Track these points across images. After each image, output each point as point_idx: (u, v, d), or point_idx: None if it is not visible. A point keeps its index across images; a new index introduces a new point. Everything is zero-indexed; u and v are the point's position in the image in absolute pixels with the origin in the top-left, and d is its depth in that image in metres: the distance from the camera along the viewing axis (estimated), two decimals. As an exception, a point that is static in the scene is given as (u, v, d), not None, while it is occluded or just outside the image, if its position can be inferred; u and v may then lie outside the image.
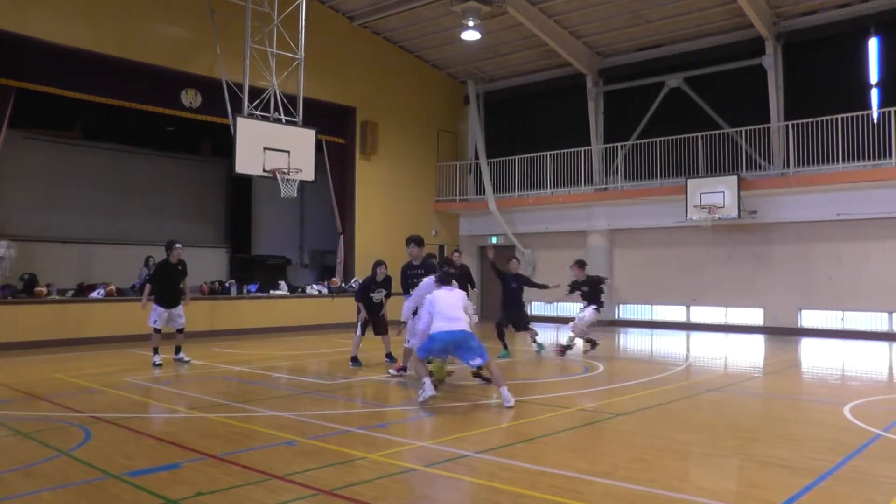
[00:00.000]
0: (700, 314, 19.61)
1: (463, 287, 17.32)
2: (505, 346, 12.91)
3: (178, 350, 12.09)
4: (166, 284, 11.95)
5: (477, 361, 8.29)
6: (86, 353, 13.50)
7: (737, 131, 18.64)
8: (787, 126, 17.80)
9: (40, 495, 4.89)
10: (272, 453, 6.07)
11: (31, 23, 14.85)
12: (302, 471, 5.41)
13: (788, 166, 17.73)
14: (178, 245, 11.98)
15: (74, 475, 5.38)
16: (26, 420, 7.36)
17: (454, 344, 8.23)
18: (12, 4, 14.56)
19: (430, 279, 9.39)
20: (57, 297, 15.63)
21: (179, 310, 12.01)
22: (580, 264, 13.41)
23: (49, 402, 8.41)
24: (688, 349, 15.50)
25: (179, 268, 12.01)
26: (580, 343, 13.00)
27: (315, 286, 20.30)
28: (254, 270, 21.46)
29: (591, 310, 12.88)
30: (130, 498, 4.84)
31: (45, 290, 15.51)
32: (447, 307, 8.41)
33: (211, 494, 4.91)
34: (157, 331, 11.81)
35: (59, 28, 15.24)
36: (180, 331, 12.11)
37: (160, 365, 11.47)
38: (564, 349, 12.77)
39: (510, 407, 7.88)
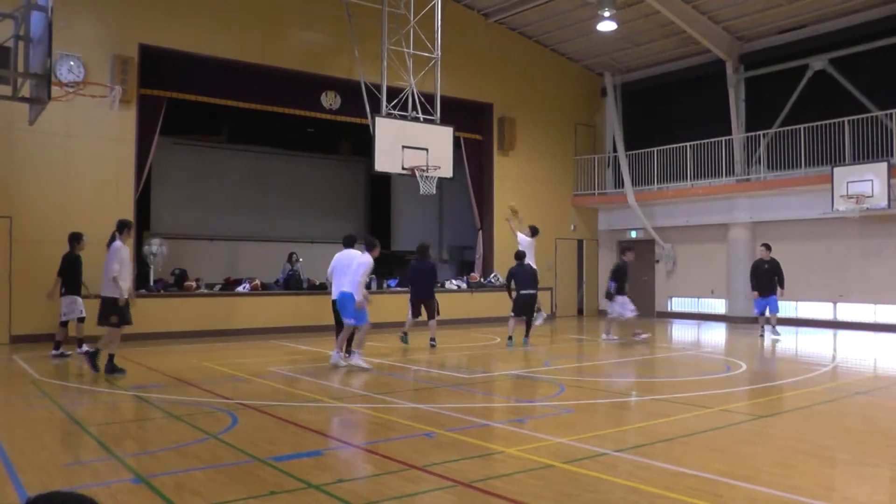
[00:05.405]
0: (847, 311, 18.23)
1: (771, 282, 16.23)
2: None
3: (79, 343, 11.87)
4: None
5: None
6: (232, 344, 14.15)
7: (887, 114, 17.09)
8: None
9: (191, 473, 5.09)
10: (411, 444, 6.07)
11: (180, 38, 15.76)
12: (440, 462, 5.38)
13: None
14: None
15: (222, 457, 5.58)
16: (178, 404, 7.74)
17: None
18: (163, 23, 15.51)
19: None
20: (205, 291, 16.49)
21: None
22: None
23: (198, 388, 8.81)
24: (835, 349, 14.50)
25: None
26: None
27: (454, 281, 20.46)
28: (394, 266, 21.81)
29: None
30: (274, 481, 4.94)
31: (194, 284, 16.41)
32: None
33: (351, 482, 4.96)
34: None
35: (205, 41, 16.08)
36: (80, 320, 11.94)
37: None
38: None
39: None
